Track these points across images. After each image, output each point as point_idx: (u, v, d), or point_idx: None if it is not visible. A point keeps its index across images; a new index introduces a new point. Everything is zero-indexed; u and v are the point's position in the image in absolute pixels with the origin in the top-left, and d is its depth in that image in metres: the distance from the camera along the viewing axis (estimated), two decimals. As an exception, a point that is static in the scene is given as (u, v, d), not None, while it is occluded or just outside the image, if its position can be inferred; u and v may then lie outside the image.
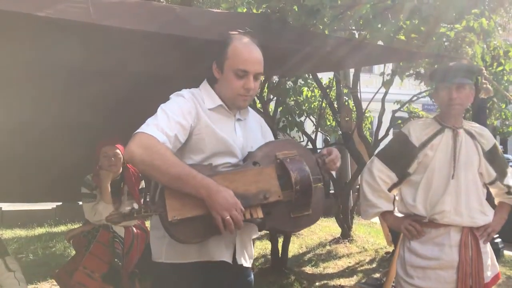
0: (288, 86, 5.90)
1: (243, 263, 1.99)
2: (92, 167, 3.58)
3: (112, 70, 3.16)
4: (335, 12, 3.11)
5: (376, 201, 2.61)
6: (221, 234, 1.74)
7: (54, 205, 8.62)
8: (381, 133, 6.27)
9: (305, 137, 6.57)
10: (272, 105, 6.20)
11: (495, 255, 2.68)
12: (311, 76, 6.14)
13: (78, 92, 3.35)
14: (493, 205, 2.66)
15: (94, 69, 3.09)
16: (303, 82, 6.40)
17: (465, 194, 2.47)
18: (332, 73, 6.29)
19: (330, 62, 3.56)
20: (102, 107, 3.56)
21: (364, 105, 6.20)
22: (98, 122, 3.67)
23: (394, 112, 6.34)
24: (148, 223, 3.66)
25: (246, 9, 4.13)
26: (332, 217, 7.83)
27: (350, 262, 6.17)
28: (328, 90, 6.31)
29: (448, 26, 3.53)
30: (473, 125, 2.64)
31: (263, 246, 6.73)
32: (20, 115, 3.45)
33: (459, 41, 3.34)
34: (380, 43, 3.36)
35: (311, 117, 7.15)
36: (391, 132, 6.38)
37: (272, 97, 5.98)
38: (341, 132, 6.13)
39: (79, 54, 2.66)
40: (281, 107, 5.90)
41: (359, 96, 6.05)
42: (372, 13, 3.00)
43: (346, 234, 7.20)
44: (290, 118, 5.87)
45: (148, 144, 1.70)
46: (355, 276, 5.51)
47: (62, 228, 7.94)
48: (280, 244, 5.74)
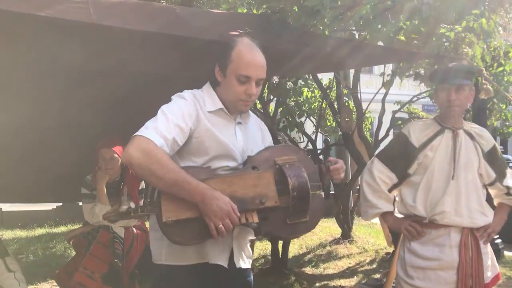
0: (288, 87, 5.89)
1: (242, 265, 1.98)
2: (92, 168, 3.58)
3: (112, 70, 3.15)
4: (335, 13, 3.11)
5: (376, 202, 2.61)
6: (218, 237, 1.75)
7: (54, 206, 8.63)
8: (381, 134, 6.26)
9: (305, 138, 6.57)
10: (272, 106, 6.19)
11: (495, 256, 2.68)
12: (311, 77, 6.14)
13: (78, 92, 3.35)
14: (493, 206, 2.66)
15: (94, 69, 3.09)
16: (303, 83, 6.39)
17: (465, 195, 2.47)
18: (332, 74, 6.28)
19: (330, 63, 3.56)
20: (102, 107, 3.56)
21: (364, 106, 6.20)
22: (99, 122, 3.67)
23: (394, 113, 6.34)
24: (148, 224, 3.66)
25: (246, 10, 4.13)
26: (332, 218, 7.83)
27: (351, 263, 6.17)
28: (328, 91, 6.30)
29: (448, 27, 3.53)
30: (473, 126, 2.64)
31: (263, 247, 6.73)
32: (21, 116, 3.44)
33: (459, 42, 3.34)
34: (380, 44, 3.36)
35: (311, 118, 7.14)
36: (391, 133, 6.37)
37: (272, 98, 5.98)
38: (341, 133, 6.12)
39: (80, 54, 2.65)
40: (281, 108, 5.89)
41: (359, 97, 6.04)
42: (372, 14, 3.00)
43: (347, 235, 7.20)
44: (290, 119, 5.87)
45: (146, 148, 1.70)
46: (356, 277, 5.51)
47: (62, 229, 7.95)
48: (280, 245, 5.74)
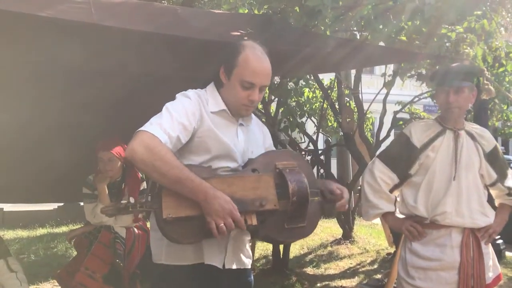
0: (290, 87, 5.89)
1: (234, 267, 1.97)
2: (93, 168, 3.58)
3: (113, 71, 3.15)
4: (337, 13, 3.11)
5: (377, 202, 2.60)
6: (214, 237, 1.74)
7: (56, 206, 8.64)
8: (382, 134, 6.25)
9: (307, 138, 6.56)
10: (274, 106, 6.19)
11: (497, 256, 2.68)
12: (312, 77, 6.14)
13: (79, 92, 3.35)
14: (494, 207, 2.66)
15: (95, 70, 3.09)
16: (305, 83, 6.39)
17: (466, 196, 2.47)
18: (334, 74, 6.28)
19: (332, 63, 3.56)
20: (103, 107, 3.56)
21: (366, 106, 6.19)
22: (100, 122, 3.67)
23: (396, 113, 6.33)
24: (149, 224, 3.66)
25: (248, 10, 4.13)
26: (334, 218, 7.83)
27: (352, 263, 6.16)
28: (330, 91, 6.30)
29: (449, 27, 3.53)
30: (474, 127, 2.63)
31: (265, 247, 6.73)
32: (22, 116, 3.44)
33: (460, 43, 3.34)
34: (381, 44, 3.36)
35: (313, 118, 7.14)
36: (392, 133, 6.37)
37: (274, 98, 5.98)
38: (343, 133, 6.11)
39: (80, 55, 2.65)
40: (283, 108, 5.89)
41: (361, 97, 6.04)
42: (374, 14, 3.00)
43: (348, 235, 7.20)
44: (292, 119, 5.86)
45: (150, 144, 1.69)
46: (357, 277, 5.51)
47: (64, 229, 7.95)
48: (282, 245, 5.73)
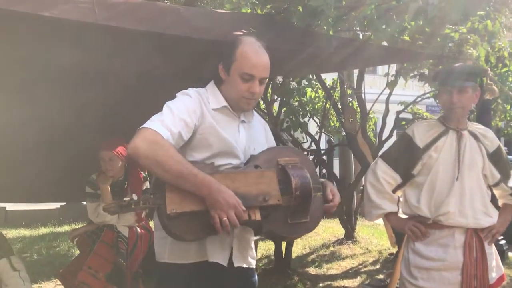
0: (292, 87, 5.89)
1: (242, 265, 1.98)
2: (97, 167, 3.59)
3: (116, 70, 3.15)
4: (340, 13, 3.10)
5: (380, 202, 2.60)
6: (217, 234, 1.74)
7: (58, 205, 8.66)
8: (385, 134, 6.24)
9: (309, 138, 6.56)
10: (276, 106, 6.19)
11: (500, 257, 2.67)
12: (315, 77, 6.13)
13: (82, 92, 3.35)
14: (497, 207, 2.65)
15: (98, 69, 3.09)
16: (307, 83, 6.39)
17: (470, 196, 2.46)
18: (336, 74, 6.27)
19: (334, 63, 3.55)
20: (106, 107, 3.56)
21: (368, 106, 6.19)
22: (103, 122, 3.67)
23: (398, 113, 6.32)
24: (152, 223, 3.66)
25: (250, 10, 4.12)
26: (336, 218, 7.82)
27: (354, 263, 6.16)
28: (332, 91, 6.29)
29: (452, 28, 3.52)
30: (478, 127, 2.63)
31: (267, 247, 6.73)
32: (25, 115, 3.45)
33: (463, 43, 3.33)
34: (384, 44, 3.35)
35: (315, 118, 7.13)
36: (395, 133, 6.36)
37: (276, 98, 5.98)
38: (345, 133, 6.11)
39: (84, 54, 2.66)
40: (285, 108, 5.89)
41: (364, 97, 6.03)
42: (377, 14, 2.99)
43: (350, 235, 7.19)
44: (294, 119, 5.87)
45: (152, 140, 1.70)
46: (359, 277, 5.51)
47: (66, 228, 7.97)
48: (284, 245, 5.74)
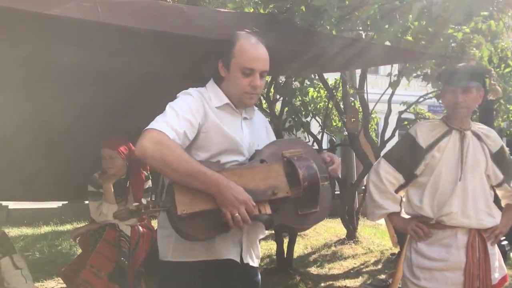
0: (295, 86, 5.89)
1: (250, 262, 1.99)
2: (99, 166, 3.59)
3: (119, 70, 3.15)
4: (343, 13, 3.10)
5: (383, 202, 2.60)
6: (229, 231, 1.75)
7: (60, 204, 8.68)
8: (387, 134, 6.24)
9: (311, 138, 6.56)
10: (278, 105, 6.19)
11: (502, 258, 2.66)
12: (317, 77, 6.13)
13: (84, 91, 3.35)
14: (500, 207, 2.65)
15: (101, 68, 3.09)
16: (309, 83, 6.38)
17: (472, 196, 2.46)
18: (338, 74, 6.27)
19: (337, 63, 3.54)
20: (109, 106, 3.56)
21: (370, 106, 6.18)
22: (105, 121, 3.67)
23: (400, 113, 6.31)
24: (154, 222, 3.66)
25: (253, 9, 4.12)
26: (338, 218, 7.82)
27: (356, 263, 6.16)
28: (334, 91, 6.29)
29: (456, 28, 3.51)
30: (481, 127, 2.62)
31: (269, 247, 6.73)
32: (27, 114, 3.45)
33: (466, 44, 3.32)
34: (387, 44, 3.34)
35: (317, 118, 7.13)
36: (397, 134, 6.35)
37: (279, 97, 5.97)
38: (347, 133, 6.10)
39: (87, 54, 2.66)
40: (287, 108, 5.89)
41: (366, 97, 6.02)
42: (380, 14, 2.99)
43: (352, 235, 7.20)
44: (296, 119, 5.86)
45: (159, 140, 1.70)
46: (360, 277, 5.51)
47: (68, 227, 7.99)
48: (286, 245, 5.74)
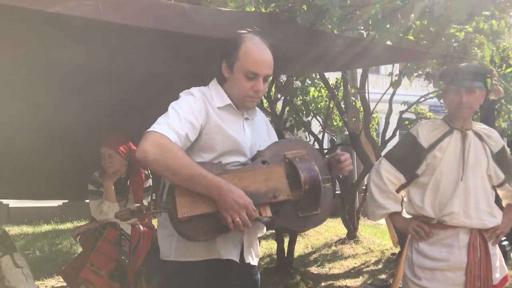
0: (296, 86, 5.88)
1: (250, 262, 2.00)
2: (99, 165, 3.59)
3: (120, 69, 3.15)
4: (344, 12, 3.10)
5: (384, 202, 2.59)
6: (230, 233, 1.75)
7: (61, 203, 8.68)
8: (388, 134, 6.24)
9: (312, 137, 6.55)
10: (280, 105, 6.18)
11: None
12: (318, 76, 6.12)
13: (85, 91, 3.35)
14: (502, 207, 2.65)
15: (102, 68, 3.09)
16: (310, 82, 6.38)
17: (474, 196, 2.45)
18: (340, 73, 6.26)
19: (338, 62, 3.54)
20: (110, 106, 3.56)
21: (371, 106, 6.18)
22: (106, 121, 3.67)
23: (401, 113, 6.31)
24: (154, 221, 3.66)
25: (255, 8, 4.12)
26: (338, 218, 7.81)
27: (356, 263, 6.16)
28: (336, 90, 6.28)
29: (457, 27, 3.51)
30: (482, 127, 2.62)
31: (269, 246, 6.73)
32: (27, 113, 3.45)
33: (468, 43, 3.32)
34: (389, 44, 3.34)
35: (318, 117, 7.13)
36: (398, 133, 6.35)
37: (280, 97, 5.97)
38: (348, 133, 6.10)
39: (88, 53, 2.66)
40: (288, 107, 5.88)
41: (367, 97, 6.02)
42: (382, 14, 2.99)
43: (352, 235, 7.19)
44: (297, 118, 5.86)
45: (161, 143, 1.70)
46: (361, 277, 5.50)
47: (68, 225, 7.99)
48: (286, 244, 5.73)
